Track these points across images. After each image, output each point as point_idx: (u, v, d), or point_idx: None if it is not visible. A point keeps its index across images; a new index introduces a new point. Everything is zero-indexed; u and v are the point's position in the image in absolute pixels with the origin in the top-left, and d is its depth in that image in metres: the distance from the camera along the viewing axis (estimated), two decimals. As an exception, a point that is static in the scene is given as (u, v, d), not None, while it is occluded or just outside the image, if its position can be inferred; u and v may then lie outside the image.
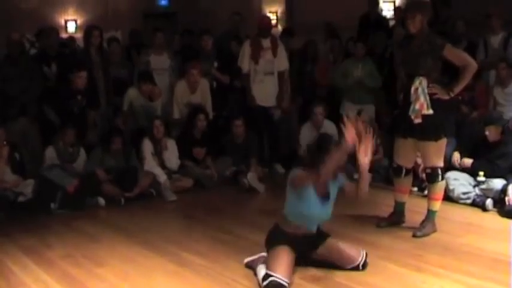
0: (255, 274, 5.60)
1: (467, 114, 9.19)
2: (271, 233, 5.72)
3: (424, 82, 6.37)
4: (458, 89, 6.51)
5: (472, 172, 7.95)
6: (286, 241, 5.54)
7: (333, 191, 5.68)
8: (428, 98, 6.36)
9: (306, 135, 9.60)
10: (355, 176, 9.02)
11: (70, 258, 6.20)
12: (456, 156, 8.12)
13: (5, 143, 8.28)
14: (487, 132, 7.90)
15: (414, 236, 6.57)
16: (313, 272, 5.63)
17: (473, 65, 6.45)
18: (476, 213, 7.54)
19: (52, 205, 8.03)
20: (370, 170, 8.95)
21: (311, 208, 5.52)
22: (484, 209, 7.56)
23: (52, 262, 6.11)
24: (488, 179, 7.76)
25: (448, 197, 7.66)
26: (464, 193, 7.83)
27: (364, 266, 5.71)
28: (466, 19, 10.27)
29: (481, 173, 7.84)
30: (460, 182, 7.91)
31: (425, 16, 6.45)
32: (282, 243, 5.52)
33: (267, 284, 5.25)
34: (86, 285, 5.52)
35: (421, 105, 6.36)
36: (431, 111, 6.36)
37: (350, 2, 12.87)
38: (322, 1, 14.24)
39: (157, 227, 7.31)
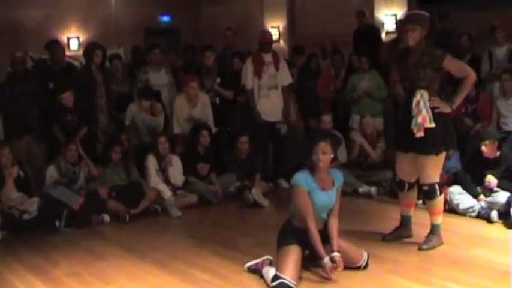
0: (261, 276, 5.75)
1: (470, 127, 9.19)
2: (283, 230, 5.93)
3: (426, 95, 6.34)
4: (459, 100, 6.52)
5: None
6: (296, 239, 5.72)
7: (337, 180, 6.01)
8: (430, 111, 6.33)
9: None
10: (361, 190, 9.13)
11: (76, 277, 6.19)
12: (489, 178, 7.86)
13: (14, 162, 8.30)
14: (483, 148, 7.86)
15: (420, 249, 6.54)
16: (317, 283, 5.63)
17: (472, 75, 6.45)
18: (482, 225, 7.51)
19: (57, 223, 8.02)
20: (374, 183, 9.05)
21: (317, 201, 5.79)
22: (489, 221, 7.53)
23: (58, 280, 6.11)
24: (494, 193, 7.74)
25: (453, 211, 7.64)
26: (469, 207, 7.81)
27: (365, 267, 5.93)
28: (470, 33, 10.29)
29: (490, 176, 7.82)
30: (464, 197, 7.89)
31: (425, 29, 6.44)
32: (292, 242, 5.70)
33: (277, 285, 5.42)
34: (93, 303, 5.53)
35: (424, 119, 6.32)
36: (433, 125, 6.33)
37: (350, 17, 12.90)
38: (324, 16, 14.29)
39: (163, 244, 7.30)
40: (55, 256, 6.92)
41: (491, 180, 7.77)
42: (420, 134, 6.37)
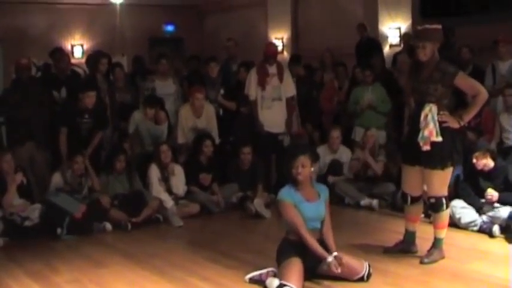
0: (265, 287, 5.77)
1: (473, 141, 9.18)
2: (281, 247, 5.98)
3: (434, 109, 6.31)
4: (468, 117, 6.52)
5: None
6: (296, 252, 5.76)
7: (322, 192, 6.10)
8: (438, 125, 6.31)
9: (321, 157, 9.67)
10: (363, 202, 9.12)
11: (77, 283, 6.20)
12: (490, 192, 7.85)
13: (18, 169, 8.31)
14: (474, 160, 7.86)
15: (421, 262, 6.53)
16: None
17: (484, 94, 6.41)
18: (483, 239, 7.50)
19: (59, 230, 8.01)
20: (376, 196, 9.05)
21: (305, 212, 5.85)
22: (491, 235, 7.52)
23: (59, 287, 6.12)
24: (496, 208, 7.75)
25: (455, 225, 7.64)
26: (471, 221, 7.81)
27: (368, 277, 5.93)
28: (471, 46, 10.30)
29: (490, 190, 7.82)
30: (467, 211, 7.89)
31: (437, 44, 6.42)
32: (292, 255, 5.74)
33: None
34: (93, 311, 5.54)
35: (430, 132, 6.30)
36: (440, 139, 6.30)
37: (353, 29, 12.94)
38: (328, 28, 14.34)
39: (164, 252, 7.30)
40: (56, 263, 6.92)
41: (492, 194, 7.76)
42: (426, 147, 6.35)
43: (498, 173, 7.89)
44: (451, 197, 7.81)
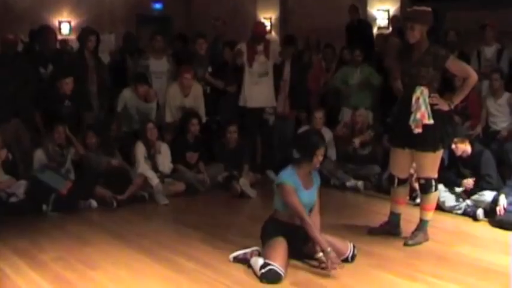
0: (248, 266, 5.80)
1: (459, 125, 9.21)
2: (267, 224, 6.00)
3: (426, 92, 6.33)
4: (457, 100, 6.59)
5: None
6: (282, 232, 5.79)
7: (316, 180, 6.09)
8: (429, 107, 6.32)
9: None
10: (348, 183, 9.17)
11: (63, 261, 6.18)
12: (466, 181, 7.97)
13: (3, 145, 8.28)
14: (453, 146, 7.89)
15: (406, 244, 6.58)
16: (303, 277, 5.66)
17: (474, 77, 6.46)
18: (467, 222, 7.58)
19: (44, 207, 8.01)
20: (361, 178, 9.10)
21: (301, 199, 5.83)
22: (475, 219, 7.60)
23: (45, 265, 6.09)
24: (480, 192, 7.80)
25: (439, 208, 7.68)
26: (455, 205, 7.86)
27: (353, 258, 5.99)
28: (458, 30, 10.31)
29: (466, 180, 7.91)
30: (450, 195, 7.95)
31: (426, 26, 6.41)
32: (278, 235, 5.77)
33: (266, 272, 5.49)
34: (79, 288, 5.53)
35: (423, 115, 6.32)
36: (432, 121, 6.32)
37: (342, 10, 12.91)
38: (316, 8, 14.29)
39: (150, 231, 7.31)
40: (41, 240, 6.89)
41: (468, 182, 7.90)
42: (418, 130, 6.36)
43: (476, 159, 7.94)
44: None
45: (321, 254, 5.73)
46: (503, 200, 7.44)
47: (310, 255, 5.93)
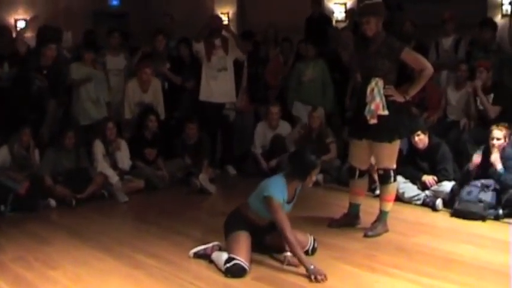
0: (210, 261, 5.81)
1: (417, 116, 9.27)
2: (232, 217, 5.95)
3: (380, 83, 6.38)
4: (413, 92, 6.62)
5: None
6: (246, 227, 5.78)
7: (296, 192, 5.99)
8: (384, 99, 6.38)
9: (261, 134, 9.82)
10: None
11: (22, 261, 6.12)
12: (425, 178, 8.06)
13: None
14: (416, 139, 7.98)
15: (365, 236, 6.63)
16: (266, 272, 5.66)
17: (429, 69, 6.50)
18: (427, 213, 7.66)
19: (2, 207, 7.93)
20: (321, 171, 9.09)
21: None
22: (434, 209, 7.69)
23: (4, 265, 6.03)
24: (439, 183, 7.90)
25: (399, 199, 7.74)
26: (414, 195, 7.94)
27: (313, 251, 6.01)
28: (415, 21, 10.35)
29: (425, 177, 8.02)
30: (409, 185, 8.03)
31: (380, 18, 6.48)
32: (242, 229, 5.75)
33: (231, 266, 5.48)
34: (38, 288, 5.47)
35: (377, 106, 6.37)
36: (386, 112, 6.38)
37: (300, 4, 12.88)
38: (273, 3, 14.25)
39: (110, 229, 7.27)
40: (0, 241, 6.81)
41: (428, 179, 8.00)
42: (373, 121, 6.42)
43: (433, 152, 8.02)
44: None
45: (289, 254, 5.72)
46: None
47: (271, 247, 5.97)
